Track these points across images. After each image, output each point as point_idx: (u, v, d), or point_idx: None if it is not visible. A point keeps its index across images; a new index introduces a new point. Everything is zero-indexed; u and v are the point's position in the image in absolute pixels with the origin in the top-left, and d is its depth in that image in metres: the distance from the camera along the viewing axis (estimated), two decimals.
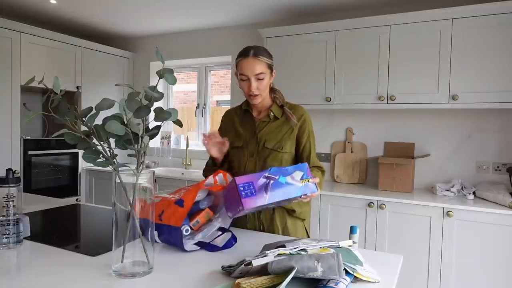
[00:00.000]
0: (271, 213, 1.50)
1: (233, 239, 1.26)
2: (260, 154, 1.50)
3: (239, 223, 1.53)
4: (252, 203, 1.11)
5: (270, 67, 1.47)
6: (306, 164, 1.22)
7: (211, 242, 1.23)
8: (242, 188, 1.12)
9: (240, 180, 1.14)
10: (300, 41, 2.95)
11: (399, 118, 2.93)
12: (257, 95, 1.45)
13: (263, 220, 1.50)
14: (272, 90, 1.55)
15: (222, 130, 1.63)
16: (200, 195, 1.26)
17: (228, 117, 1.65)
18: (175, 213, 1.17)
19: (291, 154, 1.52)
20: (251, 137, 1.52)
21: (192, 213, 1.24)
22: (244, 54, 1.45)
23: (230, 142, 1.55)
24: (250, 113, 1.56)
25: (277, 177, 1.15)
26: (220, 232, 1.28)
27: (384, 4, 2.95)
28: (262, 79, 1.43)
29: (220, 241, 1.24)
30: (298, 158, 1.54)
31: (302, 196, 1.20)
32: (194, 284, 0.95)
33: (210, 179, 1.28)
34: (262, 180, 1.14)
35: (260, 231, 1.51)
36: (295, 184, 1.17)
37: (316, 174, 1.46)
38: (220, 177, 1.30)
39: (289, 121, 1.50)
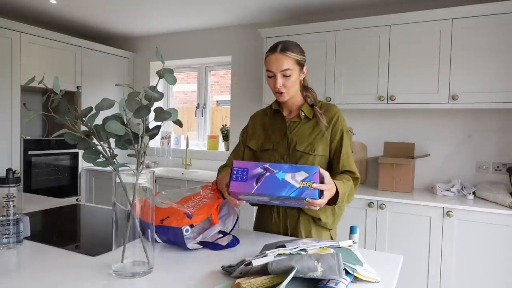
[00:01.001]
0: (296, 218, 1.43)
1: (236, 239, 1.27)
2: (291, 157, 1.41)
3: (263, 225, 1.49)
4: (237, 188, 1.12)
5: (300, 63, 1.39)
6: (318, 167, 1.13)
7: (214, 242, 1.23)
8: (235, 172, 1.14)
9: (238, 164, 1.15)
10: (300, 41, 2.92)
11: (399, 118, 2.93)
12: (283, 92, 1.38)
13: (288, 225, 1.44)
14: (305, 88, 1.47)
15: (249, 133, 1.55)
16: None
17: (257, 119, 1.56)
18: (179, 220, 1.18)
19: (325, 157, 1.42)
20: (281, 138, 1.44)
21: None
22: (272, 49, 1.38)
23: (260, 144, 1.49)
24: (281, 113, 1.48)
25: (275, 171, 1.12)
26: (221, 235, 1.28)
27: (384, 4, 2.95)
28: (289, 75, 1.35)
29: (223, 241, 1.25)
30: (331, 161, 1.43)
31: (304, 202, 1.13)
32: (194, 284, 0.95)
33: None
34: (258, 170, 1.13)
35: (286, 233, 1.45)
36: (292, 183, 1.11)
37: (342, 179, 1.31)
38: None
39: (319, 122, 1.41)
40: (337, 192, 1.24)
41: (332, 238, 1.48)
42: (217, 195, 1.33)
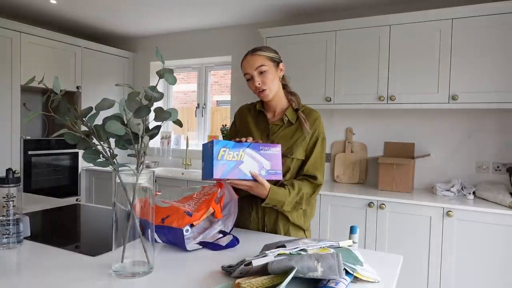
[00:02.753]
0: (275, 217, 1.48)
1: (236, 239, 1.26)
2: None
3: (242, 223, 1.53)
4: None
5: (273, 60, 1.44)
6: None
7: (214, 242, 1.23)
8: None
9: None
10: (300, 41, 2.95)
11: (399, 118, 2.93)
12: (264, 89, 1.43)
13: (266, 223, 1.49)
14: (290, 93, 1.53)
15: (237, 127, 1.60)
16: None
17: (242, 114, 1.61)
18: (179, 219, 1.18)
19: (301, 160, 1.47)
20: (264, 140, 1.49)
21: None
22: (245, 55, 1.46)
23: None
24: (264, 115, 1.53)
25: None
26: (221, 235, 1.28)
27: (384, 4, 2.95)
28: (265, 71, 1.41)
29: (223, 241, 1.25)
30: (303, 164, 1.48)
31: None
32: (194, 284, 0.95)
33: (220, 192, 1.30)
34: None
35: (263, 230, 1.50)
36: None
37: (291, 187, 1.38)
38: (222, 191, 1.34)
39: (302, 127, 1.45)
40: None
41: (306, 236, 1.55)
42: (219, 185, 1.34)
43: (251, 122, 1.55)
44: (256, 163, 1.25)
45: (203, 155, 1.28)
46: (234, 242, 1.25)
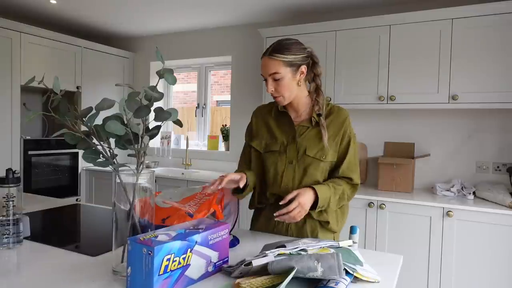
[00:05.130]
0: (302, 222, 1.38)
1: (236, 239, 1.27)
2: (300, 162, 1.36)
3: (262, 227, 1.46)
4: None
5: (292, 64, 1.29)
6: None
7: None
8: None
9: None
10: (300, 41, 2.95)
11: (399, 118, 2.93)
12: (277, 96, 1.33)
13: (292, 227, 1.40)
14: (316, 91, 1.38)
15: (253, 131, 1.48)
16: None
17: (261, 115, 1.48)
18: (180, 220, 1.18)
19: (334, 162, 1.38)
20: (290, 142, 1.37)
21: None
22: (264, 52, 1.32)
23: (264, 145, 1.42)
24: (287, 115, 1.40)
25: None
26: None
27: (384, 4, 2.95)
28: (279, 79, 1.29)
29: None
30: (334, 167, 1.38)
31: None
32: (194, 284, 0.95)
33: (221, 193, 1.29)
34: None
35: (290, 234, 1.42)
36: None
37: (329, 183, 1.32)
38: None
39: (322, 133, 1.33)
40: (316, 196, 1.26)
41: (334, 239, 1.46)
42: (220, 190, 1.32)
43: (272, 124, 1.43)
44: (204, 259, 0.97)
45: (128, 257, 0.89)
46: (234, 242, 1.25)
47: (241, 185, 1.30)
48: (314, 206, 1.28)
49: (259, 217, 1.49)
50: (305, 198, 1.23)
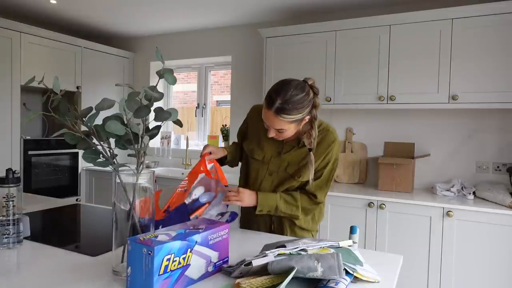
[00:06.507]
0: (281, 218, 1.49)
1: (234, 214, 1.35)
2: (279, 175, 1.44)
3: (249, 222, 1.57)
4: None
5: (297, 120, 1.29)
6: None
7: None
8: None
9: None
10: (300, 41, 2.95)
11: (399, 118, 2.93)
12: (277, 138, 1.36)
13: (274, 220, 1.50)
14: (310, 122, 1.36)
15: (249, 126, 1.54)
16: (197, 193, 1.32)
17: (256, 117, 1.49)
18: (179, 199, 1.27)
19: (307, 180, 1.41)
20: (275, 155, 1.45)
21: (194, 209, 1.28)
22: (268, 104, 1.26)
23: (251, 149, 1.49)
24: None
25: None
26: (220, 216, 1.37)
27: (384, 4, 2.95)
28: (282, 132, 1.31)
29: (223, 219, 1.34)
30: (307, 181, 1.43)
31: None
32: (194, 284, 0.95)
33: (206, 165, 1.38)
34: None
35: (271, 230, 1.51)
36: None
37: (285, 195, 1.41)
38: (211, 166, 1.39)
39: (308, 164, 1.37)
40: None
41: (313, 236, 1.57)
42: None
43: (263, 133, 1.44)
44: (204, 259, 0.97)
45: (128, 257, 0.89)
46: (234, 216, 1.34)
47: (220, 156, 1.47)
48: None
49: (244, 213, 1.61)
50: (246, 195, 1.37)
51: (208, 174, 1.37)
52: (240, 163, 1.63)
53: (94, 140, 1.00)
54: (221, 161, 1.53)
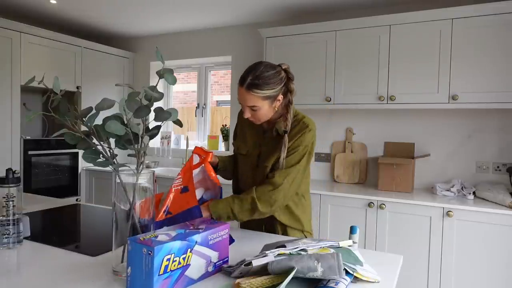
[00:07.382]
0: (272, 217, 1.47)
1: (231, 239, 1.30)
2: (260, 168, 1.42)
3: (243, 224, 1.56)
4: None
5: (270, 97, 1.30)
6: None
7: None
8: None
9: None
10: (300, 41, 2.95)
11: (399, 118, 2.93)
12: (253, 120, 1.37)
13: (265, 221, 1.49)
14: (286, 106, 1.37)
15: (238, 127, 1.58)
16: (199, 193, 1.32)
17: (241, 119, 1.55)
18: (184, 199, 1.22)
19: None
20: (254, 148, 1.45)
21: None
22: (240, 80, 1.30)
23: (238, 146, 1.52)
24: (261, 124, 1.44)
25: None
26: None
27: (384, 4, 2.95)
28: (256, 110, 1.31)
29: None
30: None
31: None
32: (194, 284, 0.95)
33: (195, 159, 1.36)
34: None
35: (262, 229, 1.51)
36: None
37: (237, 198, 1.33)
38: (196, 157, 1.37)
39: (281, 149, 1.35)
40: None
41: (305, 236, 1.53)
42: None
43: (247, 132, 1.50)
44: (204, 259, 0.97)
45: (128, 257, 0.89)
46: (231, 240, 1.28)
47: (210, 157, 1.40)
48: None
49: None
50: (203, 209, 1.29)
51: (204, 161, 1.33)
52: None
53: (94, 140, 1.00)
54: (214, 169, 1.50)
